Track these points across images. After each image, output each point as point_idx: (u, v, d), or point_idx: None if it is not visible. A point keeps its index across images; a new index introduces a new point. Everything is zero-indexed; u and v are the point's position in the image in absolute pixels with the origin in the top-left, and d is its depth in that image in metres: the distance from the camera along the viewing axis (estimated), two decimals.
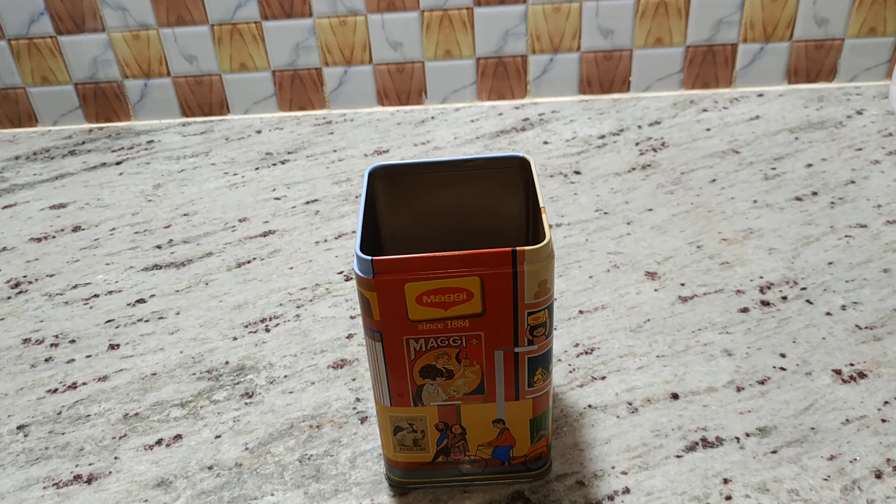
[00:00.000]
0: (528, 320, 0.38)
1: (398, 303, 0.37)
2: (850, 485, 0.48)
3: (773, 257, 0.68)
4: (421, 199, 0.43)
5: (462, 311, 0.37)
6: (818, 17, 0.91)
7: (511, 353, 0.39)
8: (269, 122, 0.98)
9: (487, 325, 0.37)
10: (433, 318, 0.37)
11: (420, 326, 0.37)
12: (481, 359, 0.39)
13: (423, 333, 0.38)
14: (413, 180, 0.42)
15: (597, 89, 0.97)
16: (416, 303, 0.37)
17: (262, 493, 0.51)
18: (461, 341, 0.38)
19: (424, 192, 0.43)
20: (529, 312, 0.37)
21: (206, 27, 0.94)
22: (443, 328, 0.37)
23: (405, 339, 0.38)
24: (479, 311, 0.37)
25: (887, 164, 0.80)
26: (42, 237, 0.79)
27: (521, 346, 0.38)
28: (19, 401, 0.60)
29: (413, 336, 0.38)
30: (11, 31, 0.95)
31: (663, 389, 0.56)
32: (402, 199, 0.43)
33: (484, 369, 0.39)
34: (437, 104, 0.98)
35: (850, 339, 0.59)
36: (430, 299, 0.36)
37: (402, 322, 0.37)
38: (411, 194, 0.43)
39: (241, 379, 0.60)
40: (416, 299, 0.36)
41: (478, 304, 0.37)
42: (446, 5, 0.92)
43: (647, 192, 0.78)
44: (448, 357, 0.38)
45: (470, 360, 0.39)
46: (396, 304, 0.37)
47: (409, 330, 0.37)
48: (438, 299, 0.36)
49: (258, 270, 0.72)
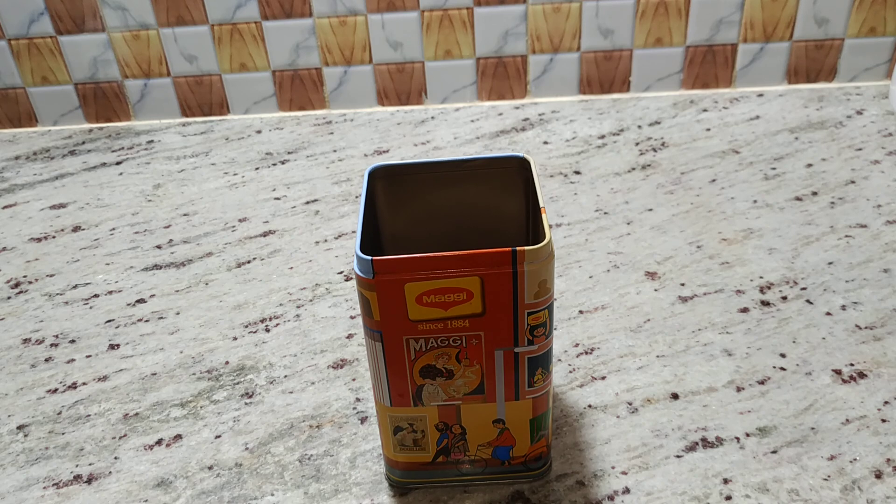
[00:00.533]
0: (528, 320, 0.38)
1: (398, 303, 0.37)
2: (850, 485, 0.48)
3: (773, 257, 0.68)
4: (421, 198, 0.43)
5: (462, 311, 0.37)
6: (818, 17, 0.91)
7: (511, 353, 0.39)
8: (269, 122, 0.98)
9: (487, 325, 0.38)
10: (433, 318, 0.37)
11: (420, 326, 0.37)
12: (481, 359, 0.39)
13: (423, 333, 0.38)
14: (413, 180, 0.42)
15: (597, 89, 0.97)
16: (416, 303, 0.37)
17: (262, 493, 0.51)
18: (461, 341, 0.38)
19: (424, 192, 0.43)
20: (529, 312, 0.37)
21: (206, 27, 0.94)
22: (443, 328, 0.37)
23: (405, 339, 0.38)
24: (479, 311, 0.37)
25: (887, 164, 0.80)
26: (42, 237, 0.79)
27: (521, 346, 0.38)
28: (19, 401, 0.60)
29: (413, 336, 0.38)
30: (11, 31, 0.95)
31: (663, 389, 0.56)
32: (402, 199, 0.43)
33: (484, 369, 0.39)
34: (437, 104, 0.98)
35: (850, 339, 0.59)
36: (430, 299, 0.37)
37: (402, 322, 0.37)
38: (411, 194, 0.43)
39: (241, 379, 0.60)
40: (416, 299, 0.37)
41: (478, 304, 0.37)
42: (446, 5, 0.92)
43: (647, 192, 0.78)
44: (448, 357, 0.38)
45: (470, 360, 0.39)
46: (396, 304, 0.37)
47: (410, 330, 0.38)
48: (438, 299, 0.37)
49: (258, 270, 0.72)
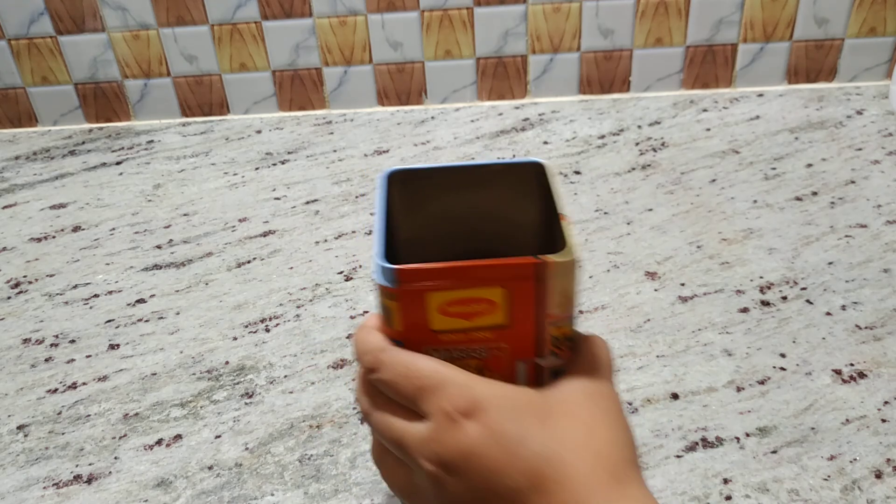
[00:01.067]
0: (552, 332, 0.37)
1: (420, 312, 0.36)
2: (850, 485, 0.48)
3: (773, 257, 0.68)
4: (436, 202, 0.42)
5: (485, 322, 0.36)
6: (818, 17, 0.91)
7: (533, 365, 0.38)
8: (269, 122, 0.98)
9: (510, 336, 0.37)
10: (456, 328, 0.36)
11: (442, 336, 0.36)
12: (504, 371, 0.38)
13: (444, 344, 0.37)
14: (428, 184, 0.42)
15: (597, 89, 0.97)
16: (439, 312, 0.36)
17: (262, 493, 0.51)
18: (483, 352, 0.37)
19: (440, 196, 0.42)
20: (553, 324, 0.36)
21: (206, 27, 0.94)
22: (465, 338, 0.37)
23: (426, 349, 0.37)
24: (502, 322, 0.36)
25: (887, 164, 0.80)
26: (42, 237, 0.79)
27: (545, 358, 0.37)
28: (19, 401, 0.60)
29: (434, 346, 0.37)
30: (11, 31, 0.95)
31: (663, 389, 0.56)
32: (417, 203, 0.42)
33: (505, 381, 0.37)
34: (437, 104, 0.98)
35: (850, 339, 0.59)
36: (452, 309, 0.36)
37: (424, 332, 0.36)
38: (427, 198, 0.42)
39: (241, 379, 0.60)
40: (439, 309, 0.36)
41: (501, 315, 0.36)
42: (446, 5, 0.92)
43: (647, 192, 0.78)
44: (469, 368, 0.37)
45: (492, 371, 0.38)
46: (418, 313, 0.36)
47: (431, 340, 0.37)
48: (461, 310, 0.36)
49: (258, 270, 0.72)
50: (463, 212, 0.43)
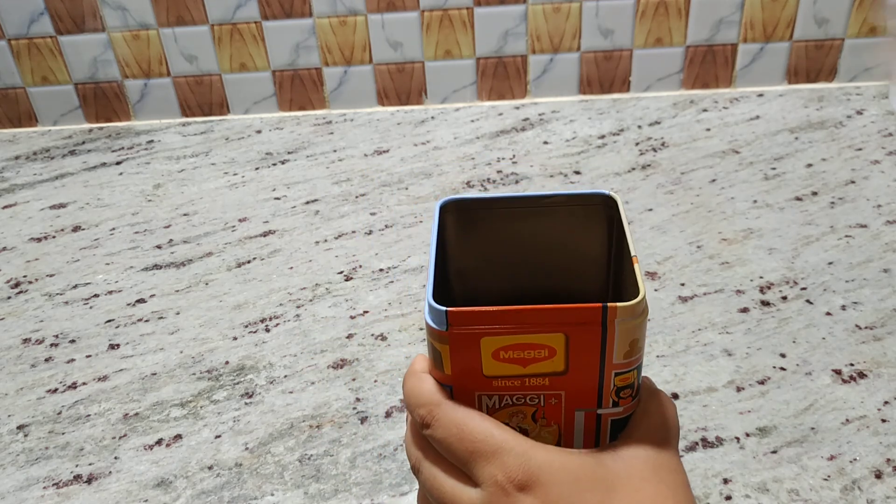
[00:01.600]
0: (615, 381, 0.34)
1: (473, 357, 0.33)
2: (850, 485, 0.48)
3: (773, 257, 0.68)
4: (493, 234, 0.40)
5: (542, 369, 0.33)
6: (818, 17, 0.91)
7: (593, 415, 0.35)
8: (269, 122, 0.98)
9: (569, 384, 0.34)
10: (510, 374, 0.34)
11: (495, 383, 0.34)
12: (560, 419, 0.35)
13: (497, 390, 0.34)
14: (487, 215, 0.39)
15: (597, 89, 0.97)
16: (493, 358, 0.33)
17: (262, 493, 0.51)
18: (539, 400, 0.35)
19: (497, 227, 0.39)
20: (617, 373, 0.34)
21: (206, 27, 0.94)
22: (519, 385, 0.34)
23: (477, 395, 0.34)
24: (561, 369, 0.33)
25: (887, 164, 0.80)
26: (42, 237, 0.79)
27: (605, 407, 0.35)
28: (19, 401, 0.60)
29: (486, 392, 0.34)
30: (11, 31, 0.95)
31: (663, 389, 0.56)
32: (471, 234, 0.39)
33: (562, 430, 0.35)
34: (437, 104, 0.98)
35: (850, 339, 0.59)
36: (507, 355, 0.33)
37: (476, 377, 0.34)
38: (483, 229, 0.39)
39: (241, 379, 0.60)
40: (493, 354, 0.33)
41: (560, 362, 0.33)
42: (446, 5, 0.92)
43: (647, 192, 0.78)
44: (523, 416, 0.35)
45: (547, 420, 0.35)
46: (470, 358, 0.33)
47: (483, 386, 0.34)
48: (517, 355, 0.33)
49: (258, 270, 0.72)
50: (522, 245, 0.39)
